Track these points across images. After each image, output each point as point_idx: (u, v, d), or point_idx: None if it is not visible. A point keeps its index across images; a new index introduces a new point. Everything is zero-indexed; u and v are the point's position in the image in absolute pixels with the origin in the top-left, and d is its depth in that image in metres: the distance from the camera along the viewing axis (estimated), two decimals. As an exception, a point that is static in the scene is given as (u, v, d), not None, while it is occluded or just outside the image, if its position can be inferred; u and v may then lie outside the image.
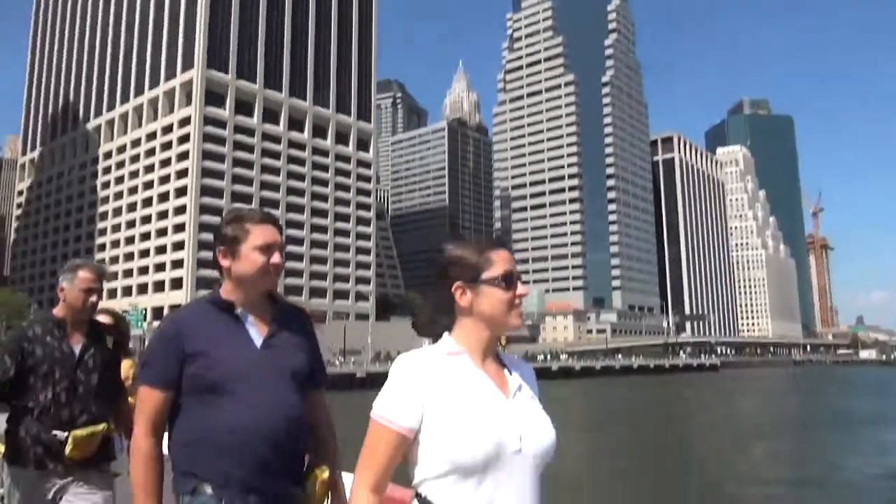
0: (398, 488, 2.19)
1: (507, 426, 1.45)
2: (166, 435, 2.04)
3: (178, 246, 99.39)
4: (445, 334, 1.56)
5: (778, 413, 36.57)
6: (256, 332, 2.03)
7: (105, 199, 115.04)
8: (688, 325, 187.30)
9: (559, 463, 1.54)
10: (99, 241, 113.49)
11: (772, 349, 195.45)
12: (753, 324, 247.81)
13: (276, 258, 2.02)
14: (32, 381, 2.89)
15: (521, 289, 1.54)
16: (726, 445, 23.41)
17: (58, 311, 3.03)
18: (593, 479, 15.17)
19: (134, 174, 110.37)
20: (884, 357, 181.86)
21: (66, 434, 2.84)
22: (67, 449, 2.83)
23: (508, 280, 1.53)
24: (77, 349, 2.97)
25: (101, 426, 2.94)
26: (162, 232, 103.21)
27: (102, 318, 3.44)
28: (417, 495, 1.48)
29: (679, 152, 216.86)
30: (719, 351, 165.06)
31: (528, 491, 1.46)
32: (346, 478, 1.91)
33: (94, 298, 3.01)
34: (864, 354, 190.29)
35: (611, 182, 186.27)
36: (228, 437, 1.90)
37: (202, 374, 1.93)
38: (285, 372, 2.01)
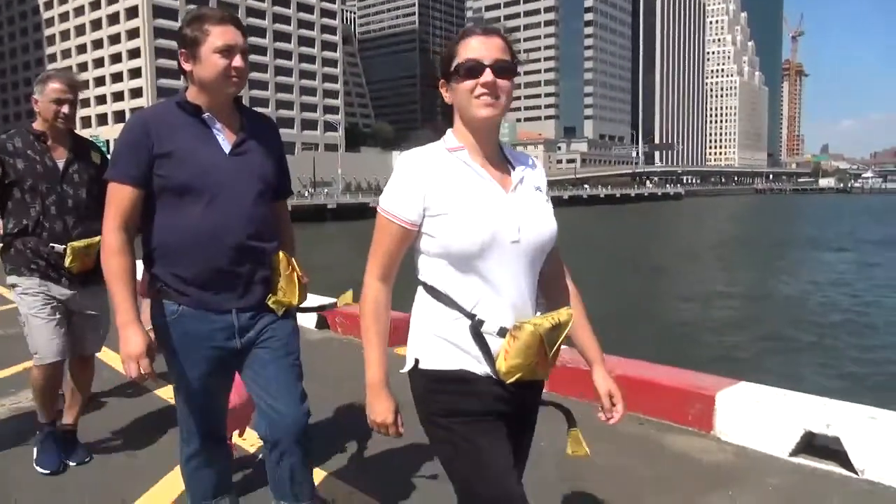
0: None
1: (503, 218, 1.50)
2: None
3: (135, 73, 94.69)
4: (449, 131, 1.59)
5: (724, 237, 38.87)
6: (224, 139, 2.00)
7: (50, 21, 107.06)
8: (657, 154, 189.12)
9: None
10: (49, 67, 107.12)
11: (735, 178, 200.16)
12: (721, 153, 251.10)
13: (237, 61, 1.94)
14: (19, 196, 2.92)
15: (483, 76, 1.48)
16: (671, 266, 25.32)
17: (36, 124, 3.01)
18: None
19: (79, 11, 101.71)
20: (841, 185, 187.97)
21: (63, 246, 2.93)
22: (67, 260, 2.93)
23: (467, 69, 1.49)
24: (61, 164, 2.97)
25: (97, 239, 2.98)
26: (116, 58, 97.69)
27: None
28: (423, 284, 1.57)
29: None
30: (685, 180, 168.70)
31: (525, 278, 1.54)
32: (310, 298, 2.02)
33: (65, 109, 2.96)
34: (823, 183, 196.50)
35: (588, 3, 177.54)
36: (194, 240, 1.93)
37: (170, 175, 1.92)
38: (253, 179, 2.01)
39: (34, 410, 3.30)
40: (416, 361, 1.55)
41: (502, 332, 1.49)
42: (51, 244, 2.94)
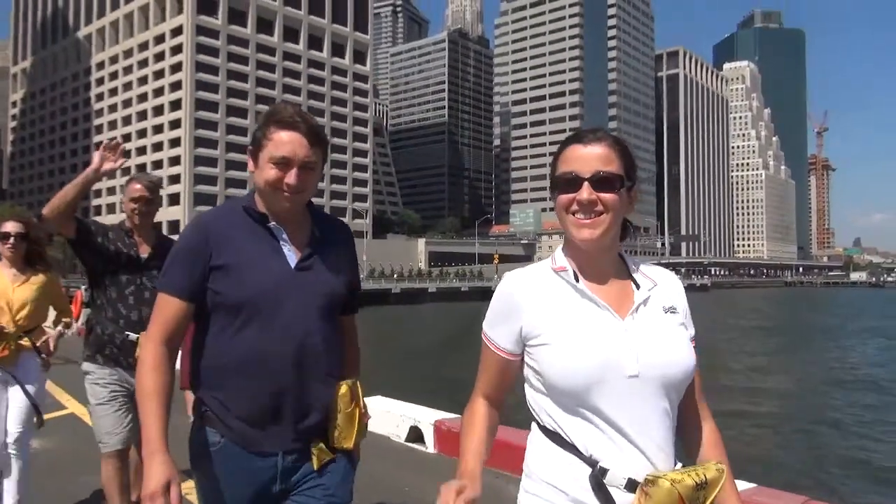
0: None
1: (616, 347, 1.27)
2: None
3: (175, 161, 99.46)
4: (559, 247, 1.42)
5: (746, 326, 38.64)
6: (291, 250, 1.77)
7: (100, 112, 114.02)
8: (683, 245, 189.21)
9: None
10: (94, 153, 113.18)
11: (765, 270, 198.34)
12: (749, 245, 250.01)
13: (291, 177, 1.70)
14: (102, 276, 3.17)
15: (580, 191, 1.31)
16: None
17: (126, 221, 3.32)
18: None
19: (127, 86, 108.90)
20: (874, 279, 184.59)
21: (136, 336, 3.09)
22: (138, 350, 3.00)
23: (564, 182, 1.33)
24: (144, 257, 3.23)
25: None
26: (158, 147, 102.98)
27: (10, 225, 3.55)
28: (535, 419, 1.37)
29: (684, 68, 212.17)
30: (712, 272, 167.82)
31: (656, 420, 1.28)
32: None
33: (140, 206, 3.22)
34: (855, 277, 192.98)
35: (612, 98, 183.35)
36: (244, 368, 1.70)
37: (226, 291, 1.70)
38: (320, 296, 1.77)
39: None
40: None
41: (631, 486, 1.24)
42: (126, 332, 3.15)
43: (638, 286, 1.37)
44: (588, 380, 1.25)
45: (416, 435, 5.34)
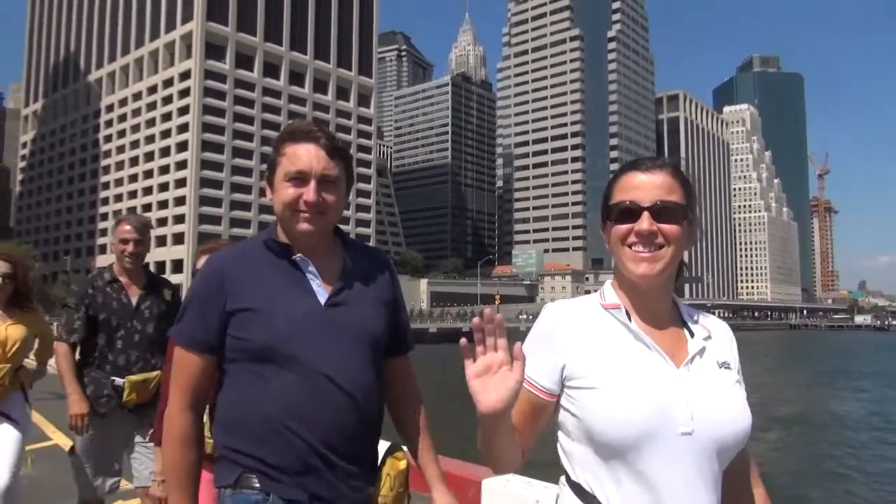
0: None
1: (669, 400, 1.15)
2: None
3: (180, 201, 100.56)
4: (608, 281, 1.30)
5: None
6: (321, 285, 1.58)
7: (108, 153, 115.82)
8: (686, 287, 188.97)
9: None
10: (102, 194, 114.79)
11: (769, 313, 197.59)
12: (753, 287, 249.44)
13: (308, 193, 1.52)
14: (93, 327, 3.13)
15: (639, 221, 1.20)
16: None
17: (115, 263, 3.29)
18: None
19: (135, 128, 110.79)
20: (878, 323, 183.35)
21: (122, 381, 3.06)
22: (125, 394, 3.04)
23: (621, 211, 1.22)
24: (134, 300, 3.18)
25: (156, 373, 3.06)
26: (164, 187, 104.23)
27: None
28: (566, 475, 1.24)
29: (684, 111, 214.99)
30: (716, 314, 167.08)
31: (702, 486, 1.15)
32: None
33: (129, 248, 3.18)
34: (859, 320, 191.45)
35: (613, 141, 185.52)
36: (278, 419, 1.50)
37: (248, 336, 1.52)
38: (356, 335, 1.58)
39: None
40: None
41: None
42: (112, 377, 3.10)
43: (692, 334, 1.26)
44: (639, 435, 1.12)
45: None
